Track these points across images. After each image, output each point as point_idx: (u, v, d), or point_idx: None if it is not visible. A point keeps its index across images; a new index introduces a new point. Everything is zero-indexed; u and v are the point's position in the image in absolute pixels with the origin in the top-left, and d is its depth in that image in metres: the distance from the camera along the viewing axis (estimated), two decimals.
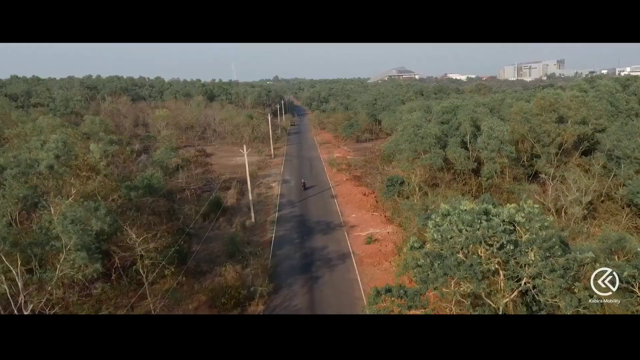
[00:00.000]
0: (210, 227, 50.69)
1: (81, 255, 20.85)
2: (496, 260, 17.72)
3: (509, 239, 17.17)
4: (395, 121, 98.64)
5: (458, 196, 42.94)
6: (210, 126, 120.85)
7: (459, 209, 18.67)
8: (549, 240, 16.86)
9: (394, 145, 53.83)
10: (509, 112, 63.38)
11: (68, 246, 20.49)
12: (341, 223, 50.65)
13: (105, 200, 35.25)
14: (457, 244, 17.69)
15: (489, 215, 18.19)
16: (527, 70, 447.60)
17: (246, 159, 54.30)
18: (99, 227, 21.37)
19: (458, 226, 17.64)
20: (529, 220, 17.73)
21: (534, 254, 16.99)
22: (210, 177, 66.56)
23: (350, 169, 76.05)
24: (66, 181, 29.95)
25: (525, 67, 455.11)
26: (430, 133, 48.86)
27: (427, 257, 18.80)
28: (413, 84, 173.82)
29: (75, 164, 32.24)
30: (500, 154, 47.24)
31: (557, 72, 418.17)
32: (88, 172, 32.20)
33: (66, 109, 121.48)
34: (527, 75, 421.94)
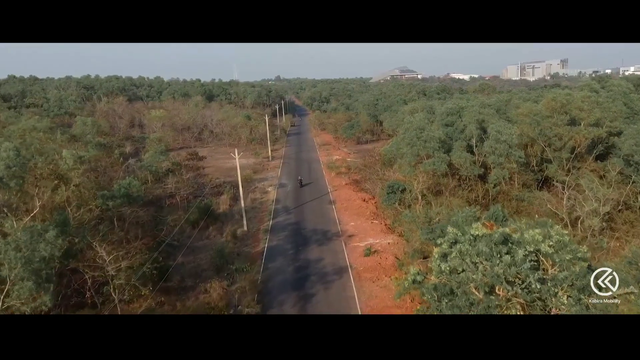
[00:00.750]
0: (199, 237, 47.75)
1: (27, 286, 17.86)
2: (518, 301, 14.63)
3: (536, 278, 14.04)
4: (397, 122, 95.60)
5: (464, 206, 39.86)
6: (207, 127, 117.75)
7: (469, 235, 15.56)
8: (583, 278, 13.78)
9: (394, 148, 50.65)
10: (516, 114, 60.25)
11: (11, 277, 17.55)
12: (339, 232, 47.54)
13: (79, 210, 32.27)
14: (471, 280, 14.61)
15: (508, 243, 15.07)
16: (530, 70, 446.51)
17: (238, 163, 51.15)
18: (49, 252, 18.40)
19: (472, 258, 14.55)
20: (558, 250, 14.62)
21: (565, 296, 13.92)
22: (202, 182, 63.45)
23: (350, 173, 72.96)
24: (28, 193, 26.98)
25: (529, 67, 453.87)
26: (434, 136, 45.68)
27: (434, 292, 15.70)
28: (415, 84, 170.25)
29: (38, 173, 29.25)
30: (508, 159, 44.07)
31: (560, 71, 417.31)
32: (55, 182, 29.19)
33: (60, 110, 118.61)
34: (531, 75, 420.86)
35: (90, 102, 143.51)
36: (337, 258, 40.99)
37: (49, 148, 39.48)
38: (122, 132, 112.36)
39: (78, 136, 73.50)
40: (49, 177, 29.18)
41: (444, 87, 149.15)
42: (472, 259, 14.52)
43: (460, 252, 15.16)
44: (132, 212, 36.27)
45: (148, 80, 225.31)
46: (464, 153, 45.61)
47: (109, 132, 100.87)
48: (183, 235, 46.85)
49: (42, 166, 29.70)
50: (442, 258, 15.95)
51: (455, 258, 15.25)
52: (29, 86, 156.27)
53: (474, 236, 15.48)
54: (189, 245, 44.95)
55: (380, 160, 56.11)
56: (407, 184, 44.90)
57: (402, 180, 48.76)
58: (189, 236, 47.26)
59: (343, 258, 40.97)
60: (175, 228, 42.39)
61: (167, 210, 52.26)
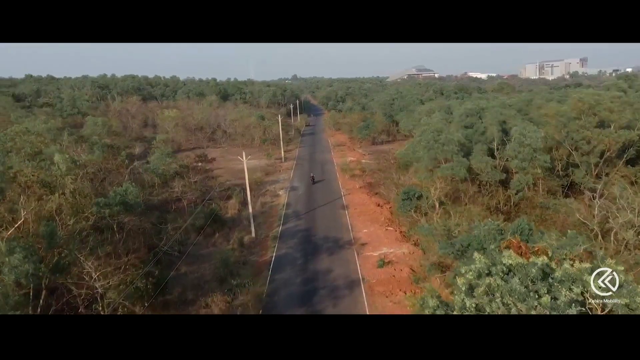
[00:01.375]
0: (205, 244, 45.67)
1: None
2: None
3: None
4: (413, 123, 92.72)
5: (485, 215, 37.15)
6: (221, 127, 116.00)
7: (501, 265, 13.03)
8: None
9: (410, 152, 47.96)
10: (540, 115, 57.25)
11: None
12: (351, 240, 45.06)
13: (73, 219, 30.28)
14: None
15: (548, 278, 12.52)
16: (549, 69, 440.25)
17: (246, 167, 48.88)
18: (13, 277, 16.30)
19: (503, 298, 12.07)
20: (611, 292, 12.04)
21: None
22: (210, 185, 61.38)
23: (364, 175, 70.40)
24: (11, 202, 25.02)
25: (547, 66, 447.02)
26: (452, 139, 42.96)
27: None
28: (432, 83, 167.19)
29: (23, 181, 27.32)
30: (533, 164, 41.21)
31: (580, 70, 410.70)
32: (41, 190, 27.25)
33: (72, 110, 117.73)
34: (549, 74, 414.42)
35: (105, 101, 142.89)
36: (349, 269, 38.53)
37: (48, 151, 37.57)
38: (135, 132, 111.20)
39: (86, 137, 72.07)
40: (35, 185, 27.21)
41: (461, 87, 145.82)
42: (504, 299, 12.03)
43: (489, 287, 12.66)
44: (130, 221, 34.13)
45: (164, 80, 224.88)
46: (485, 157, 42.83)
47: (120, 133, 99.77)
48: (187, 243, 44.86)
49: (29, 172, 27.73)
50: (468, 292, 13.43)
51: (483, 294, 12.76)
52: (44, 86, 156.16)
53: (507, 266, 12.96)
54: (193, 253, 42.91)
55: (395, 164, 53.38)
56: (424, 190, 42.24)
57: (418, 185, 46.15)
58: (194, 243, 45.23)
59: (355, 269, 38.50)
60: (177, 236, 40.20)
61: (173, 215, 50.28)
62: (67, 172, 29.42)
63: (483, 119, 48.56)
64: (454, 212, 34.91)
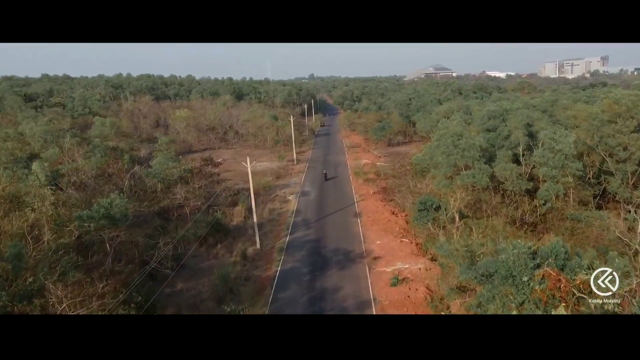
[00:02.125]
0: (206, 255, 42.79)
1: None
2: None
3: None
4: (431, 123, 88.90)
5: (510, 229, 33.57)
6: (233, 127, 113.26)
7: None
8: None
9: (427, 157, 44.38)
10: (567, 117, 53.32)
11: None
12: (363, 253, 41.74)
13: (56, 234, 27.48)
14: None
15: None
16: (569, 68, 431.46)
17: (250, 173, 45.94)
18: None
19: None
20: None
21: None
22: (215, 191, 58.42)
23: (379, 180, 66.97)
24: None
25: (567, 64, 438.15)
26: (474, 144, 39.34)
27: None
28: (450, 82, 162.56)
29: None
30: (564, 172, 37.45)
31: (600, 69, 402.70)
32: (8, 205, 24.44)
33: (84, 110, 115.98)
34: (569, 73, 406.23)
35: (117, 101, 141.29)
36: (359, 287, 35.20)
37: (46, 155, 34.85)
38: (145, 132, 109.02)
39: (90, 139, 69.79)
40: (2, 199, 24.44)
41: (480, 86, 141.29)
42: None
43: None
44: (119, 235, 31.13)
45: (179, 79, 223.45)
46: (510, 164, 39.14)
47: (130, 133, 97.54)
48: (188, 255, 41.99)
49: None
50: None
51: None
52: (57, 85, 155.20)
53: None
54: (193, 266, 40.06)
55: (411, 170, 49.79)
56: (442, 200, 38.71)
57: (435, 194, 42.65)
58: (195, 255, 42.34)
59: (366, 287, 35.15)
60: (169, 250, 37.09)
61: (174, 224, 47.51)
62: (46, 182, 26.59)
63: (507, 122, 44.80)
64: (475, 226, 31.31)
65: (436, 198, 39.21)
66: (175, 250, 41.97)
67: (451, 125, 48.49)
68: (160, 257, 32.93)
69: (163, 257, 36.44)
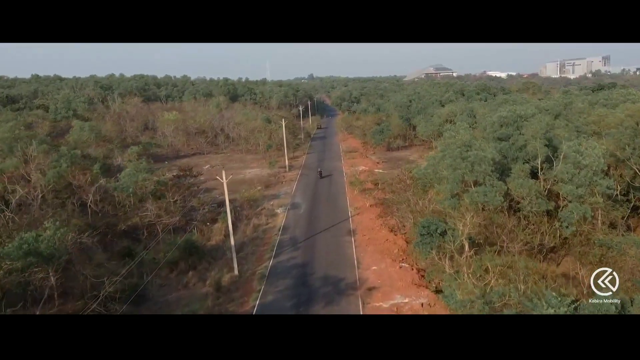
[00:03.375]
0: (176, 283, 37.20)
1: None
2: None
3: None
4: (432, 127, 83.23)
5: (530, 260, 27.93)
6: (224, 131, 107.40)
7: None
8: None
9: (431, 171, 38.62)
10: (586, 122, 47.67)
11: None
12: (356, 281, 36.09)
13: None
14: None
15: None
16: (570, 68, 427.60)
17: (225, 188, 40.21)
18: None
19: None
20: None
21: None
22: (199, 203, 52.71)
23: (377, 190, 61.33)
24: None
25: (569, 64, 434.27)
26: (485, 157, 33.65)
27: None
28: (452, 83, 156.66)
29: None
30: (591, 191, 31.81)
31: (602, 69, 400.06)
32: None
33: (67, 112, 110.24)
34: (571, 73, 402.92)
35: (105, 103, 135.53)
36: None
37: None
38: (131, 137, 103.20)
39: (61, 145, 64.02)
40: None
41: (484, 86, 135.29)
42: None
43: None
44: (42, 280, 25.35)
45: (174, 80, 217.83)
46: (528, 180, 33.44)
47: (113, 138, 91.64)
48: (154, 284, 36.41)
49: None
50: None
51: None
52: (43, 86, 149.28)
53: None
54: (159, 299, 34.44)
55: (411, 185, 43.96)
56: (449, 222, 33.02)
57: (440, 213, 37.03)
58: (163, 284, 36.78)
59: None
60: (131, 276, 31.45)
61: (144, 245, 41.88)
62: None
63: (522, 130, 39.13)
64: (491, 263, 25.56)
65: (441, 219, 33.52)
66: (141, 278, 36.48)
67: (457, 131, 42.77)
68: (107, 292, 27.06)
69: (120, 291, 30.76)
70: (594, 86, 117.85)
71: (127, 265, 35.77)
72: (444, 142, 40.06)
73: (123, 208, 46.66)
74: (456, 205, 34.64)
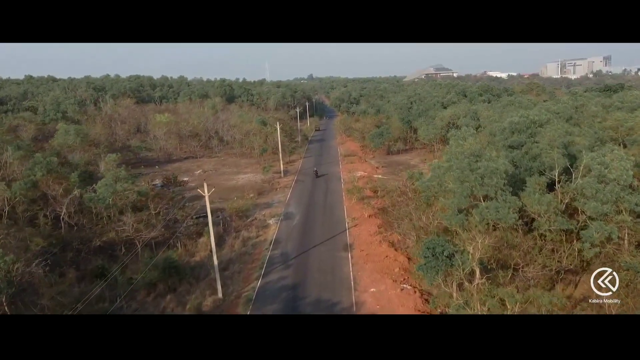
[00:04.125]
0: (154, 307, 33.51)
1: None
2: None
3: None
4: (435, 131, 79.53)
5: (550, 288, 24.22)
6: (218, 133, 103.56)
7: None
8: None
9: (435, 183, 34.86)
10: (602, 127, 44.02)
11: None
12: (352, 306, 32.39)
13: None
14: None
15: None
16: (571, 68, 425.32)
17: (208, 203, 36.30)
18: None
19: None
20: None
21: None
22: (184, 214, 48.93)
23: (376, 198, 57.69)
24: None
25: (569, 64, 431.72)
26: (497, 169, 29.92)
27: None
28: (454, 84, 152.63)
29: None
30: (617, 207, 28.12)
31: (603, 69, 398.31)
32: None
33: (56, 114, 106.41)
34: (571, 73, 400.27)
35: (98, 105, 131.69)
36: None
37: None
38: (121, 140, 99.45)
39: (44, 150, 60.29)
40: None
41: (487, 88, 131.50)
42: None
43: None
44: None
45: (170, 80, 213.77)
46: (546, 196, 29.70)
47: (101, 142, 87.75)
48: (129, 308, 32.76)
49: None
50: None
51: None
52: (34, 87, 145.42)
53: None
54: None
55: (414, 198, 40.10)
56: (456, 242, 29.31)
57: (446, 229, 33.36)
58: (137, 310, 33.05)
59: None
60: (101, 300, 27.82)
61: (121, 262, 38.16)
62: None
63: (537, 137, 35.40)
64: (509, 298, 21.77)
65: (448, 239, 29.80)
66: (113, 302, 32.88)
67: (463, 137, 39.06)
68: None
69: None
70: (600, 87, 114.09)
71: (101, 286, 32.22)
72: (450, 150, 36.33)
73: (101, 221, 42.96)
74: (464, 222, 30.93)
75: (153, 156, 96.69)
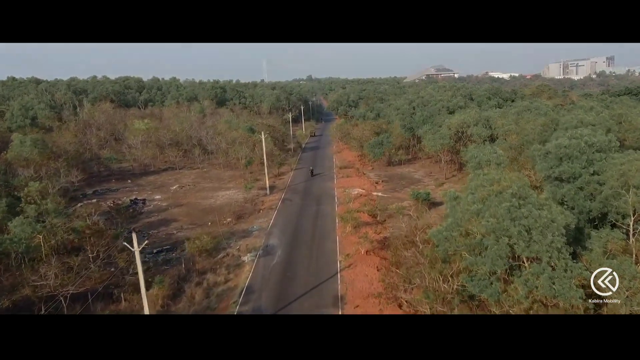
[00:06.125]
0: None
1: None
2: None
3: None
4: (442, 141, 69.81)
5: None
6: (202, 142, 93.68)
7: None
8: None
9: (457, 234, 24.86)
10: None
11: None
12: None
13: None
14: None
15: None
16: (573, 68, 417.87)
17: (139, 262, 26.52)
18: None
19: None
20: None
21: None
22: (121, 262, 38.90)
23: (376, 225, 48.12)
24: None
25: (572, 65, 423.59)
26: (553, 223, 20.19)
27: None
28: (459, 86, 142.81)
29: None
30: None
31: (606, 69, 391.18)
32: None
33: (24, 120, 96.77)
34: (574, 74, 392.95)
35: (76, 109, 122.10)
36: None
37: None
38: (92, 150, 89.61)
39: None
40: None
41: (496, 90, 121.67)
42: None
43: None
44: None
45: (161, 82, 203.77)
46: (626, 262, 19.89)
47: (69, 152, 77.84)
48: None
49: None
50: None
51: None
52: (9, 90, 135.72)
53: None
54: None
55: (426, 253, 29.69)
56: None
57: (471, 296, 23.60)
58: None
59: None
60: None
61: None
62: None
63: (594, 166, 25.69)
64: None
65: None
66: None
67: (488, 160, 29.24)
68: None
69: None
70: (621, 90, 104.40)
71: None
72: (473, 182, 26.46)
73: (20, 270, 33.24)
74: (499, 295, 21.24)
75: (128, 168, 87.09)
